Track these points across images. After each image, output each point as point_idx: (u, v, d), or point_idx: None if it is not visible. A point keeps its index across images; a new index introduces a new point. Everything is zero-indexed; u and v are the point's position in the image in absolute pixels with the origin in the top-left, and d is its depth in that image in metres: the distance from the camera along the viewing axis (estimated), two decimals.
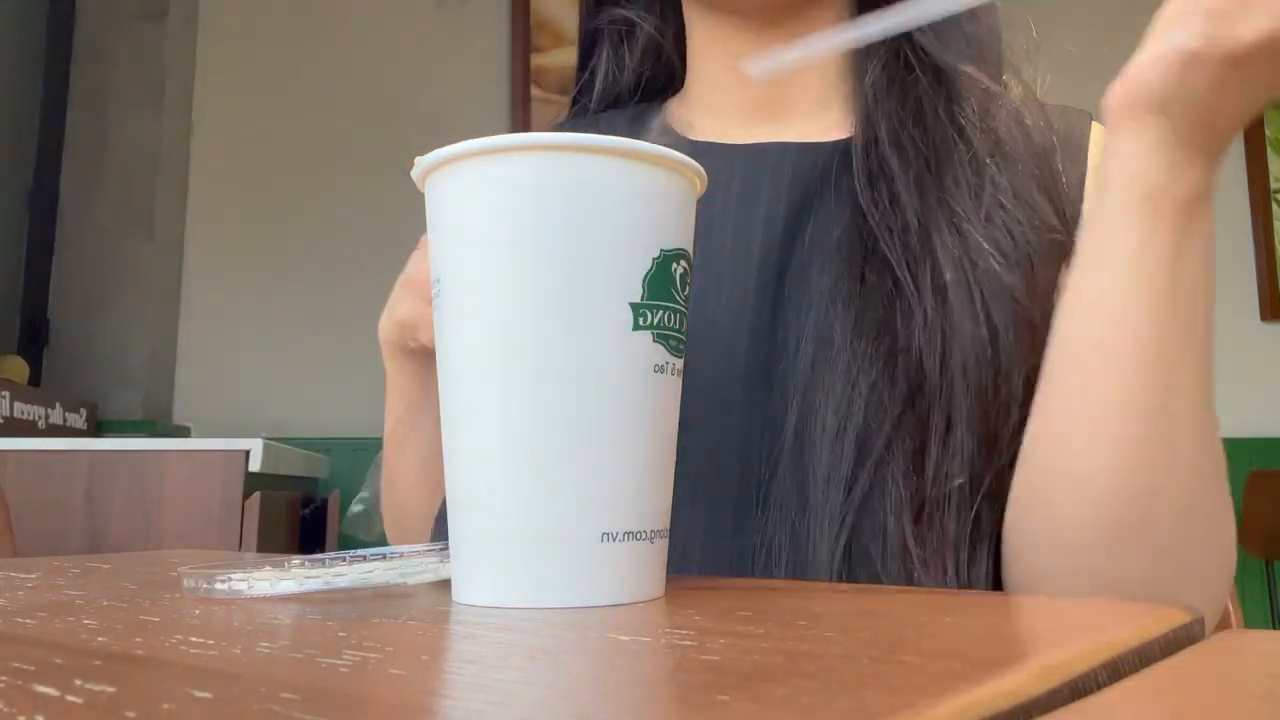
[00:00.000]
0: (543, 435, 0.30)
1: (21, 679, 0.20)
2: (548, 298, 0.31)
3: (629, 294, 0.31)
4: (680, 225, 0.33)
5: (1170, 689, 0.19)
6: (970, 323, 0.46)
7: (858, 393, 0.47)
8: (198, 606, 0.31)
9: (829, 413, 0.47)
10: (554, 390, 0.30)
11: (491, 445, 0.31)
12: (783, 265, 0.52)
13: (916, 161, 0.50)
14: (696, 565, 0.48)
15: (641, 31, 0.63)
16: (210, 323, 2.60)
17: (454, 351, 0.32)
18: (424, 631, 0.26)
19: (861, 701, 0.17)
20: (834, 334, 0.48)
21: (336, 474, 2.36)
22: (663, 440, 0.33)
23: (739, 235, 0.53)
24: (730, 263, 0.53)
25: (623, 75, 0.64)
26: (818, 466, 0.46)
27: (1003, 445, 0.46)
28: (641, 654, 0.22)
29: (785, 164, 0.54)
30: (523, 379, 0.31)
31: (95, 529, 1.62)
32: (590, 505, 0.30)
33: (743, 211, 0.54)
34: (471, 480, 0.32)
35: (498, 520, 0.31)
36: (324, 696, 0.18)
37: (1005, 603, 0.32)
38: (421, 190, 0.35)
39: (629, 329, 0.31)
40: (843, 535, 0.45)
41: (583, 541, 0.30)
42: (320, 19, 2.69)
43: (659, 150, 0.32)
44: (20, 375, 2.16)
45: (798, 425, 0.48)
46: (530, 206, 0.31)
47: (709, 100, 0.59)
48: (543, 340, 0.31)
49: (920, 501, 0.46)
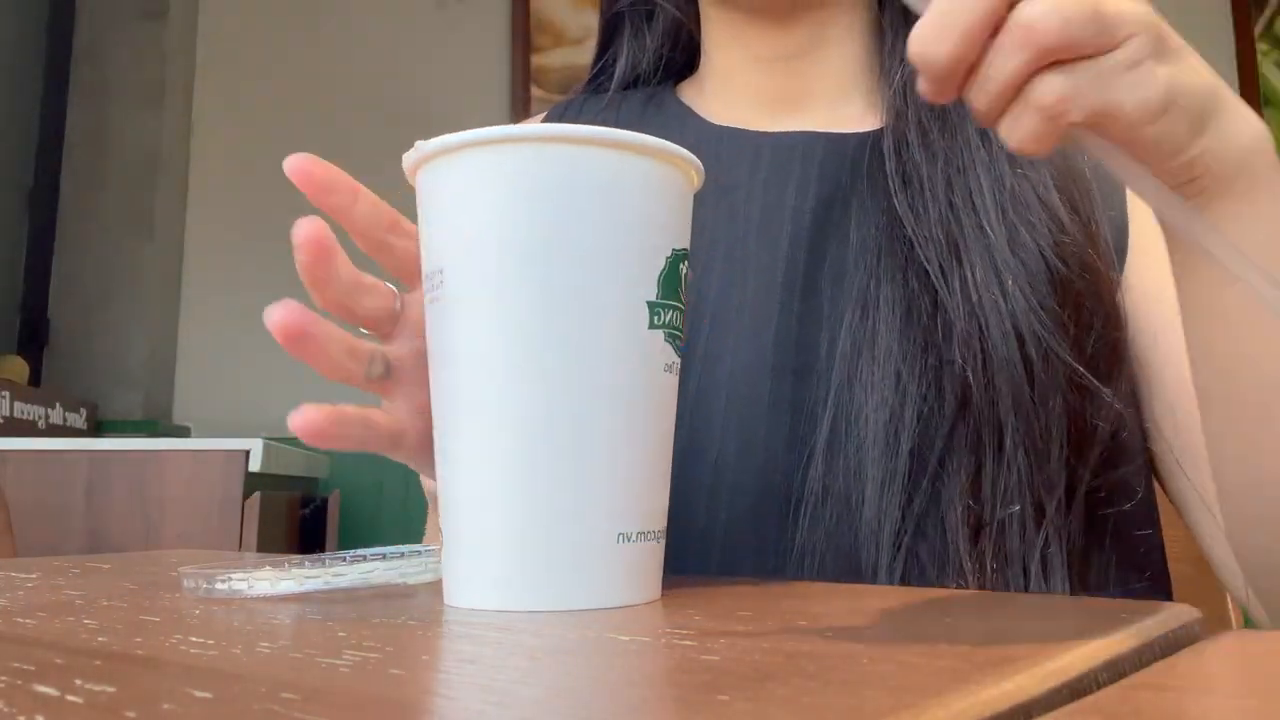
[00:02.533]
0: (559, 435, 0.30)
1: (21, 679, 0.20)
2: (566, 294, 0.30)
3: (646, 292, 0.31)
4: (686, 224, 0.34)
5: (1170, 689, 0.19)
6: (1002, 341, 0.45)
7: (910, 401, 0.45)
8: (198, 606, 0.31)
9: (875, 417, 0.46)
10: (571, 389, 0.30)
11: (502, 446, 0.30)
12: (813, 258, 0.51)
13: (947, 168, 0.49)
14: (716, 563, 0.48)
15: (664, 13, 0.63)
16: (210, 323, 2.59)
17: (458, 348, 0.31)
18: (424, 631, 0.26)
19: (861, 701, 0.17)
20: (878, 337, 0.47)
21: (336, 474, 2.36)
22: (668, 439, 0.33)
23: (766, 224, 0.52)
24: (756, 252, 0.52)
25: (644, 58, 0.63)
26: (867, 469, 0.45)
27: (1056, 465, 0.45)
28: (641, 654, 0.22)
29: (814, 154, 0.53)
30: (540, 377, 0.30)
31: (95, 529, 1.62)
32: (606, 506, 0.30)
33: (770, 200, 0.53)
34: (476, 482, 0.31)
35: (507, 522, 0.30)
36: (324, 696, 0.18)
37: (1005, 603, 0.32)
38: (411, 180, 0.34)
39: (645, 327, 0.31)
40: (901, 550, 0.44)
41: (598, 543, 0.30)
42: (320, 19, 2.69)
43: (674, 149, 0.32)
44: (20, 375, 2.16)
45: (833, 421, 0.46)
46: (551, 201, 0.30)
47: (727, 88, 0.59)
48: (560, 338, 0.30)
49: (977, 521, 0.44)
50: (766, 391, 0.49)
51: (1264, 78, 2.43)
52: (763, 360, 0.49)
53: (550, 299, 0.30)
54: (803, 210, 0.52)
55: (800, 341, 0.49)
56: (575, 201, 0.30)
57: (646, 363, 0.31)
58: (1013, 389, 0.45)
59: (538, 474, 0.30)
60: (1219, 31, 2.45)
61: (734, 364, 0.49)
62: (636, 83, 0.64)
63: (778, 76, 0.57)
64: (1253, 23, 2.45)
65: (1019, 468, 0.44)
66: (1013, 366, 0.45)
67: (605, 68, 0.64)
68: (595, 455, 0.30)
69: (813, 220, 0.51)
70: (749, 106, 0.57)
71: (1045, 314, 0.45)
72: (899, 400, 0.46)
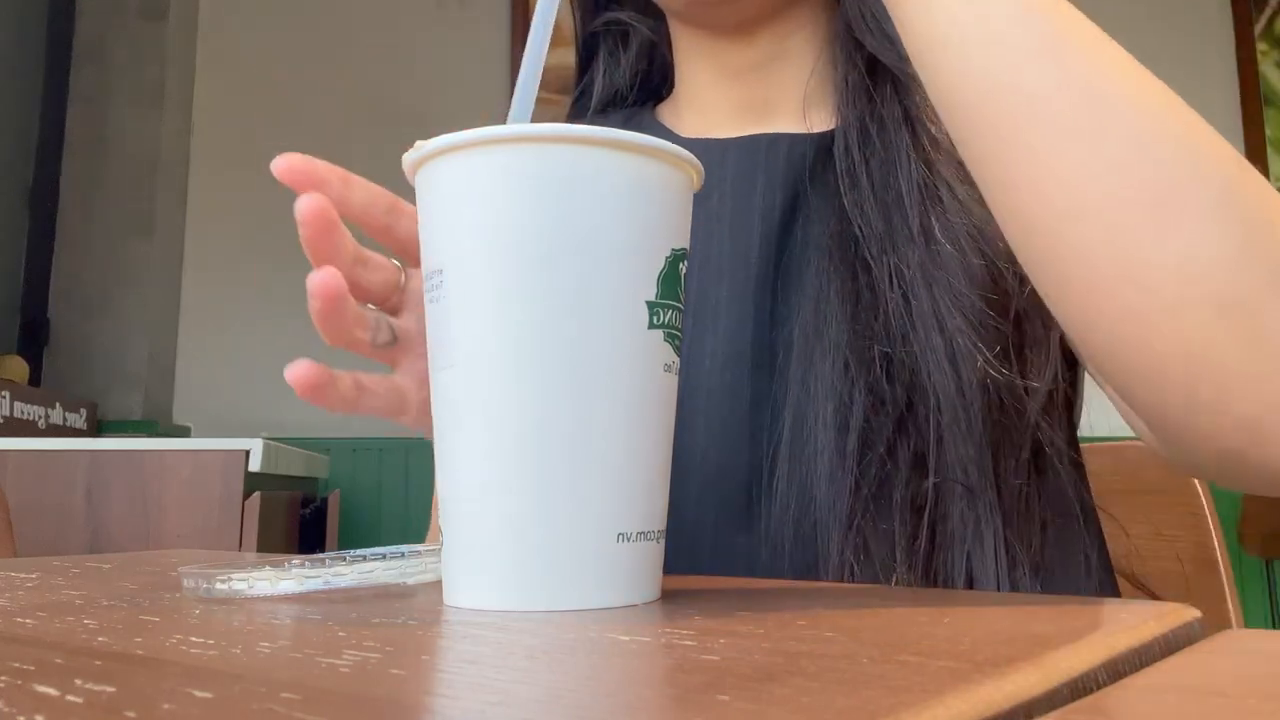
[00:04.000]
0: (559, 435, 0.30)
1: (21, 679, 0.20)
2: (566, 294, 0.30)
3: (645, 292, 0.31)
4: (686, 224, 0.34)
5: (1170, 689, 0.19)
6: (939, 334, 0.47)
7: (858, 389, 0.47)
8: (198, 606, 0.31)
9: (829, 410, 0.47)
10: (571, 388, 0.30)
11: (502, 446, 0.30)
12: (780, 255, 0.53)
13: (882, 168, 0.51)
14: (706, 562, 0.49)
15: (636, 33, 0.65)
16: (210, 323, 2.60)
17: (458, 347, 0.31)
18: (424, 631, 0.26)
19: (861, 701, 0.17)
20: (829, 330, 0.49)
21: (336, 474, 2.37)
22: (668, 438, 0.33)
23: (738, 226, 0.54)
24: (731, 253, 0.53)
25: (619, 76, 0.65)
26: (818, 462, 0.47)
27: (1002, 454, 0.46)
28: (641, 654, 0.22)
29: (777, 154, 0.55)
30: (540, 377, 0.30)
31: (95, 529, 1.63)
32: (606, 506, 0.30)
33: (740, 202, 0.54)
34: (476, 482, 0.31)
35: (507, 523, 0.30)
36: (324, 696, 0.18)
37: (1005, 602, 0.32)
38: (411, 179, 0.34)
39: (644, 327, 0.31)
40: (850, 537, 0.46)
41: (599, 543, 0.30)
42: (320, 19, 2.69)
43: (675, 149, 0.32)
44: (20, 375, 2.16)
45: (795, 417, 0.48)
46: (552, 201, 0.30)
47: (698, 101, 0.61)
48: (560, 338, 0.30)
49: (922, 505, 0.46)
50: (745, 388, 0.51)
51: (1264, 78, 2.43)
52: (742, 357, 0.51)
53: (550, 299, 0.30)
54: (772, 209, 0.54)
55: (771, 339, 0.51)
56: (576, 201, 0.30)
57: (646, 362, 0.31)
58: (940, 376, 0.46)
59: (538, 474, 0.30)
60: (1219, 31, 2.45)
61: (712, 364, 0.51)
62: (616, 101, 0.66)
63: (744, 87, 0.59)
64: (1253, 23, 2.45)
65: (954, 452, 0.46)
66: (938, 354, 0.46)
67: (586, 89, 0.66)
68: (595, 455, 0.30)
69: (780, 219, 0.53)
70: (719, 118, 0.59)
71: (966, 305, 0.47)
72: (847, 389, 0.47)
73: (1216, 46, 2.45)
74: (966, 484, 0.46)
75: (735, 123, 0.58)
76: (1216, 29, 2.47)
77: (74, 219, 2.53)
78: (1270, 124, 2.39)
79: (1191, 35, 2.45)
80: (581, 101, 0.66)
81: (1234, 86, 2.44)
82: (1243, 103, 2.43)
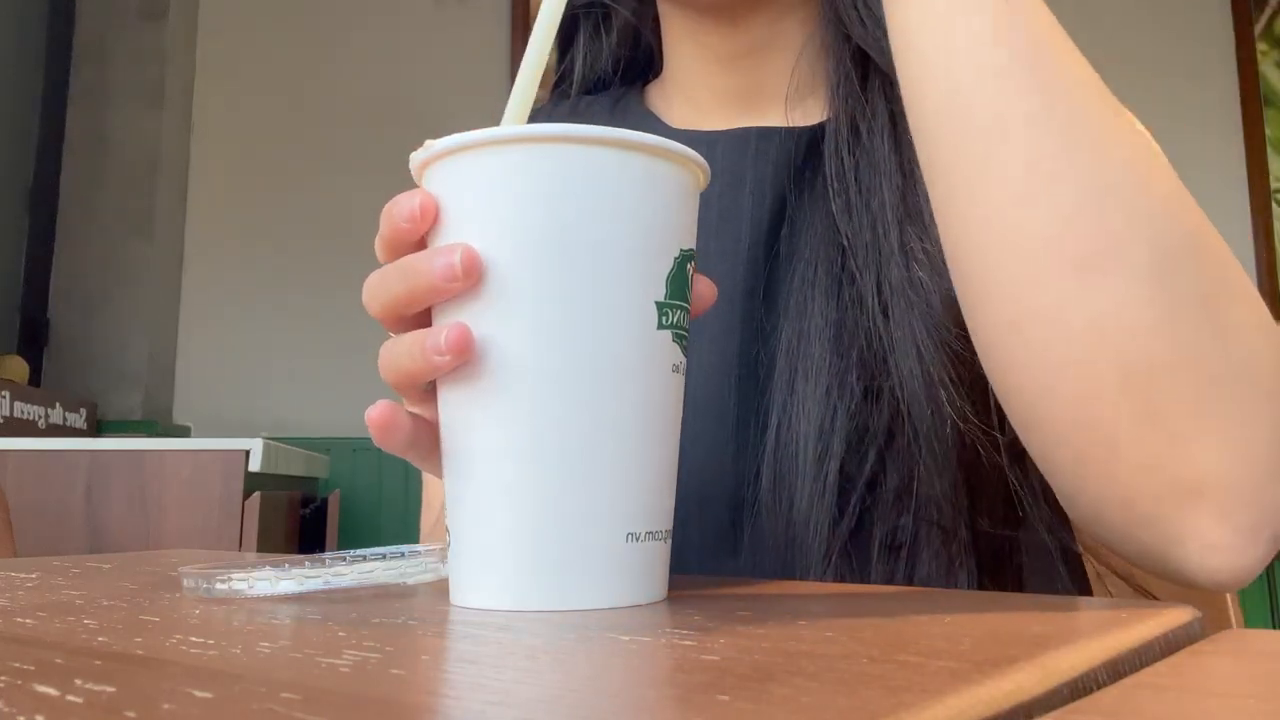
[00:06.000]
0: (569, 436, 0.30)
1: (21, 679, 0.20)
2: (576, 294, 0.30)
3: (654, 292, 0.31)
4: (693, 225, 0.34)
5: (1170, 689, 0.19)
6: (917, 361, 0.45)
7: (840, 419, 0.46)
8: (198, 606, 0.31)
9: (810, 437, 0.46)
10: (581, 389, 0.30)
11: (512, 447, 0.30)
12: (767, 261, 0.52)
13: (867, 173, 0.49)
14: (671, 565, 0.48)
15: (618, 16, 0.63)
16: (210, 323, 2.59)
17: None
18: (424, 631, 0.26)
19: (861, 701, 0.17)
20: (812, 352, 0.48)
21: (336, 474, 2.36)
22: (675, 439, 0.33)
23: (726, 224, 0.53)
24: (719, 253, 0.52)
25: (601, 60, 0.63)
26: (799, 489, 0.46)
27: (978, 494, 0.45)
28: (642, 654, 0.22)
29: (767, 149, 0.54)
30: (549, 377, 0.30)
31: (95, 529, 1.62)
32: (616, 506, 0.30)
33: (728, 200, 0.53)
34: (485, 483, 0.31)
35: (518, 523, 0.30)
36: (324, 696, 0.18)
37: (1005, 603, 0.32)
38: (417, 179, 0.33)
39: (654, 328, 0.31)
40: (828, 574, 0.45)
41: (609, 542, 0.30)
42: (320, 19, 2.69)
43: (682, 150, 0.32)
44: (20, 375, 2.16)
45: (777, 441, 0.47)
46: (561, 201, 0.30)
47: (686, 88, 0.59)
48: (569, 338, 0.30)
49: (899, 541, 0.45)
50: (731, 402, 0.49)
51: (1264, 78, 2.43)
52: (728, 368, 0.50)
53: (560, 299, 0.30)
54: (761, 207, 0.52)
55: (757, 351, 0.50)
56: (585, 202, 0.30)
57: (655, 363, 0.31)
58: (918, 408, 0.45)
59: (547, 474, 0.30)
60: (1219, 31, 2.45)
61: (698, 375, 0.49)
62: (598, 85, 0.64)
63: (734, 74, 0.57)
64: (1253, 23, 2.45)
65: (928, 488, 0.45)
66: (915, 382, 0.45)
67: (566, 73, 0.64)
68: (607, 455, 0.30)
69: (770, 219, 0.52)
70: (709, 106, 0.58)
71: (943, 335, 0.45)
72: (829, 416, 0.46)
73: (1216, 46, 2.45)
74: (940, 523, 0.45)
75: (724, 111, 0.57)
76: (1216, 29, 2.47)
77: (74, 219, 2.53)
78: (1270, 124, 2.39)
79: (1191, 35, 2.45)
80: (561, 86, 0.64)
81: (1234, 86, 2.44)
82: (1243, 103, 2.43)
